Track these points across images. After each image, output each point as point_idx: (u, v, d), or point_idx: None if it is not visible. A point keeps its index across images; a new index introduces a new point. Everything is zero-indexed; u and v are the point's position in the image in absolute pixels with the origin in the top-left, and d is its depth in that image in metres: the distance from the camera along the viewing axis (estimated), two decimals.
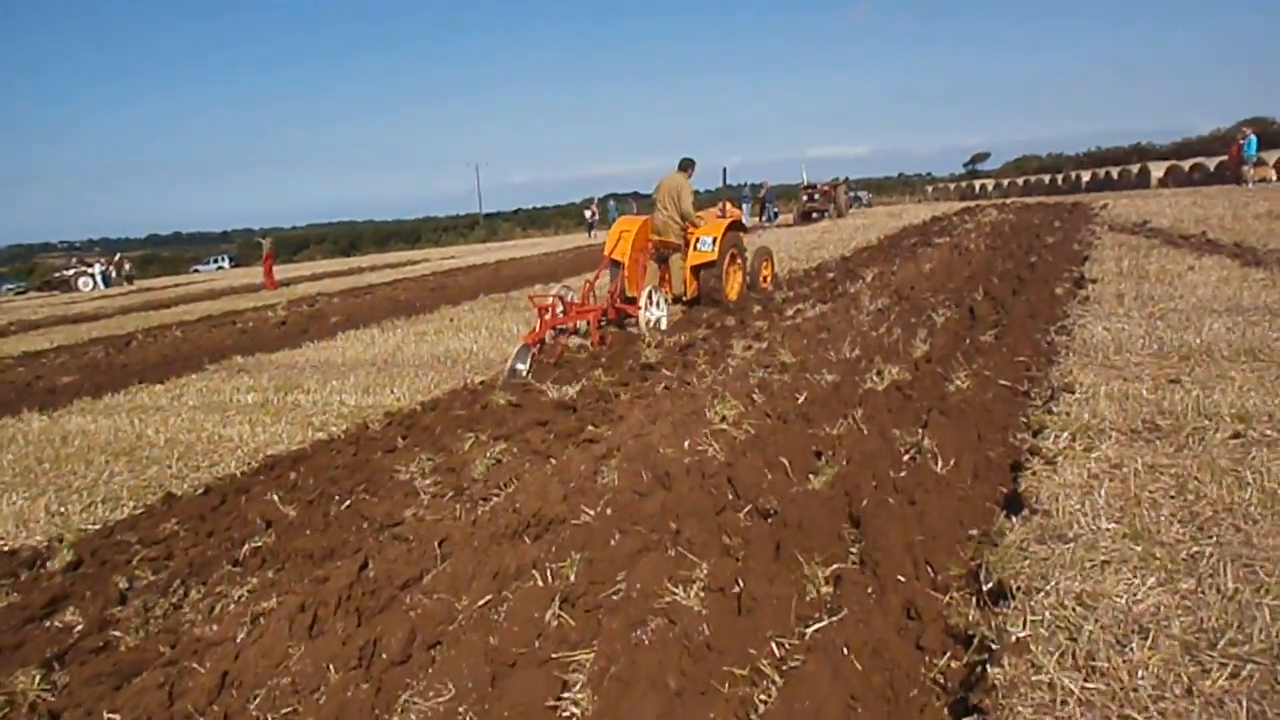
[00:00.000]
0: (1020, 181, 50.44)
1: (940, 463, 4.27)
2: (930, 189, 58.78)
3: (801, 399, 5.73)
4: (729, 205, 12.17)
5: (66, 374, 11.39)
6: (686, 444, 5.01)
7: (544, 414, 6.29)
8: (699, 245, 10.74)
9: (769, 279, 12.56)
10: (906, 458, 4.48)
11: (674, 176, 11.06)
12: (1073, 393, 5.41)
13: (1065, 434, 4.64)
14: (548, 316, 8.96)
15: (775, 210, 37.57)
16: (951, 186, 57.32)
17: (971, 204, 36.98)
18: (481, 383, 7.98)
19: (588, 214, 42.40)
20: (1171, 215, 18.11)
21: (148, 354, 12.71)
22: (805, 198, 34.20)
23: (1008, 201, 34.69)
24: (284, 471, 5.72)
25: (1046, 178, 48.80)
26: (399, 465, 5.51)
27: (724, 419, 5.47)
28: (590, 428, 5.82)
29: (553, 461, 5.19)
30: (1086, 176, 44.66)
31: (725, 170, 13.62)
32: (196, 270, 71.37)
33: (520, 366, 8.06)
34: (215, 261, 76.03)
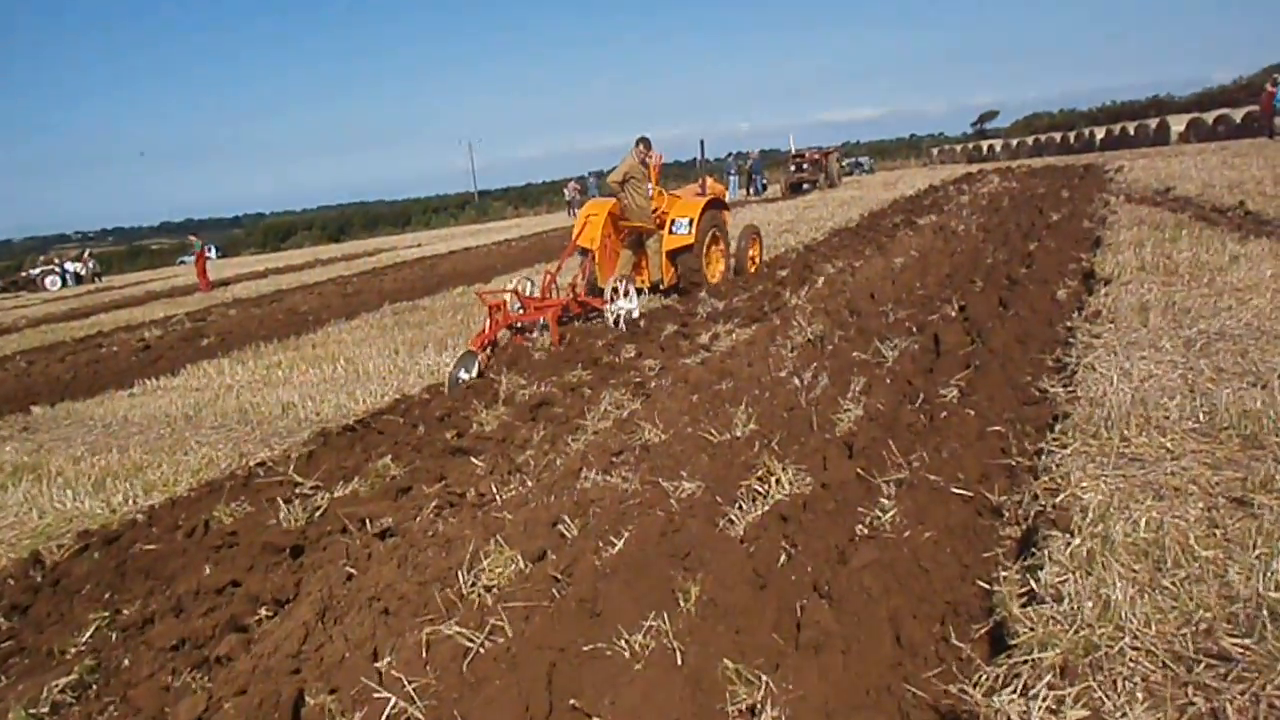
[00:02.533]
0: (1030, 141, 47.56)
1: None
2: (936, 151, 55.88)
3: (614, 551, 3.47)
4: (710, 180, 11.13)
5: None
6: None
7: (252, 562, 4.05)
8: (674, 228, 9.92)
9: (756, 260, 11.54)
10: None
11: (628, 158, 10.09)
12: (1068, 535, 3.15)
13: (1043, 678, 2.38)
14: (499, 315, 8.31)
15: (764, 182, 35.10)
16: (958, 149, 54.40)
17: (975, 169, 34.34)
18: (261, 466, 5.74)
19: (567, 192, 40.03)
20: (1199, 179, 15.61)
21: None
22: (793, 168, 31.71)
23: (1014, 165, 32.00)
24: None
25: (1058, 136, 45.89)
26: None
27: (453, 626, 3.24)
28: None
29: None
30: (1101, 133, 41.76)
31: (702, 143, 11.82)
32: (182, 261, 69.64)
33: (463, 375, 7.22)
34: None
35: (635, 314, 8.95)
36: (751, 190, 34.37)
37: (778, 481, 3.87)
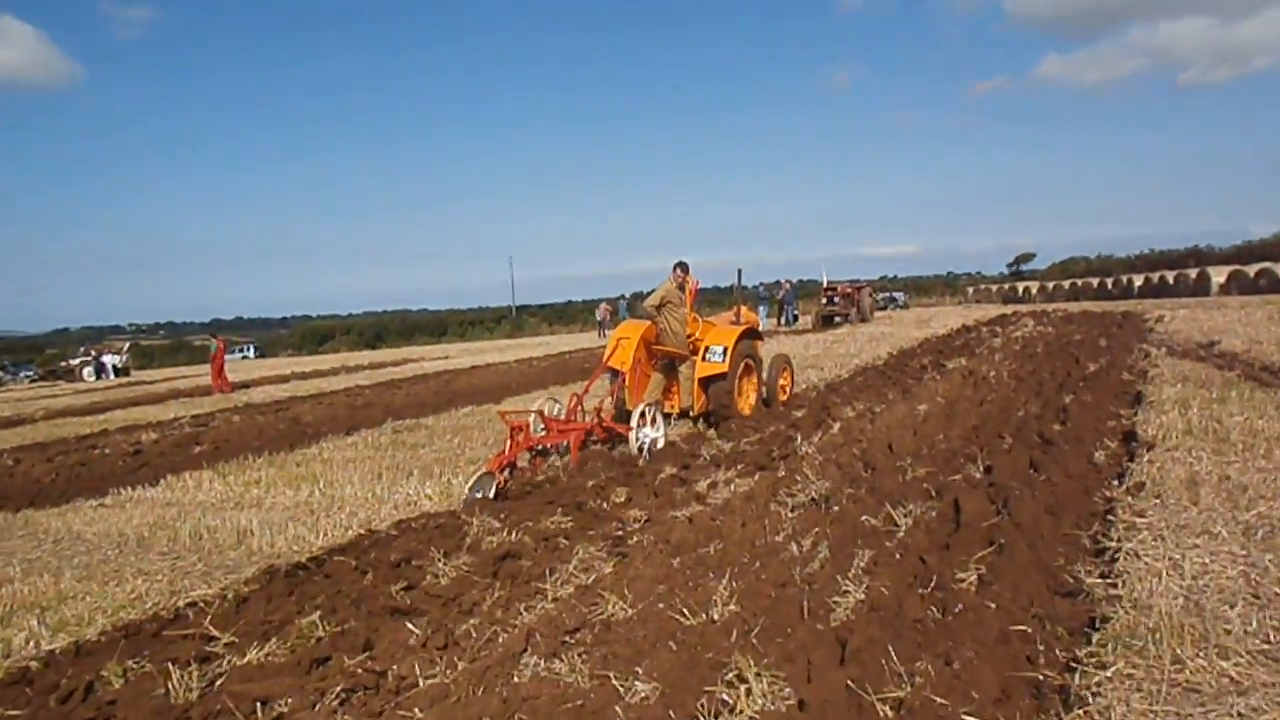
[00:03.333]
0: (1066, 285, 47.27)
1: None
2: (971, 290, 55.74)
3: None
4: (744, 310, 11.16)
5: None
6: None
7: None
8: (708, 355, 9.84)
9: (787, 390, 11.56)
10: None
11: (666, 283, 10.08)
12: None
13: None
14: (520, 436, 8.16)
15: (795, 312, 34.84)
16: (994, 289, 54.22)
17: (1010, 310, 33.88)
18: (190, 607, 5.10)
19: (598, 313, 40.07)
20: (1245, 334, 14.94)
21: None
22: (825, 300, 31.45)
23: (1049, 309, 31.49)
24: None
25: (1095, 281, 45.57)
26: None
27: None
28: None
29: None
30: (1139, 281, 41.39)
31: (740, 271, 11.57)
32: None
33: (479, 495, 7.04)
34: (241, 351, 75.60)
35: (660, 443, 8.79)
36: (783, 320, 34.09)
37: (748, 692, 3.17)
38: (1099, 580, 4.25)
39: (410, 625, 4.19)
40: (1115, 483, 6.05)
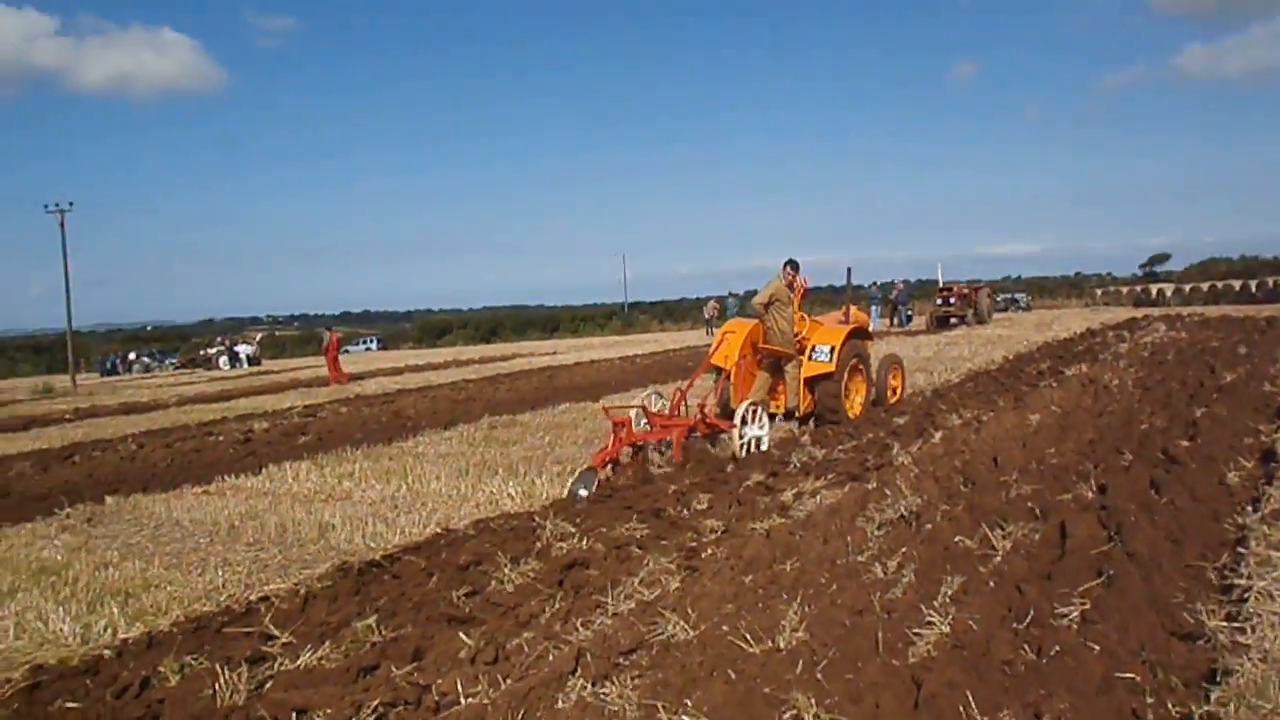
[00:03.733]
0: (1205, 287, 44.26)
1: None
2: (1100, 293, 52.86)
3: None
4: (854, 309, 11.01)
5: None
6: None
7: None
8: (814, 354, 9.72)
9: (898, 391, 11.34)
10: None
11: (774, 281, 9.99)
12: None
13: None
14: (623, 432, 8.13)
15: (909, 313, 33.70)
16: (1124, 290, 51.28)
17: (1141, 313, 31.91)
18: (263, 601, 5.12)
19: (706, 311, 39.73)
20: None
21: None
22: (939, 300, 30.29)
23: (1184, 313, 29.47)
24: None
25: (1237, 284, 42.51)
26: None
27: None
28: None
29: None
30: None
31: (850, 270, 11.43)
32: (347, 351, 73.72)
33: (582, 492, 7.16)
34: (364, 343, 78.52)
35: (765, 443, 8.63)
36: (895, 321, 33.03)
37: None
38: (1223, 624, 3.75)
39: (464, 636, 4.05)
40: (1249, 509, 5.43)
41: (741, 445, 8.35)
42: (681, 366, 19.83)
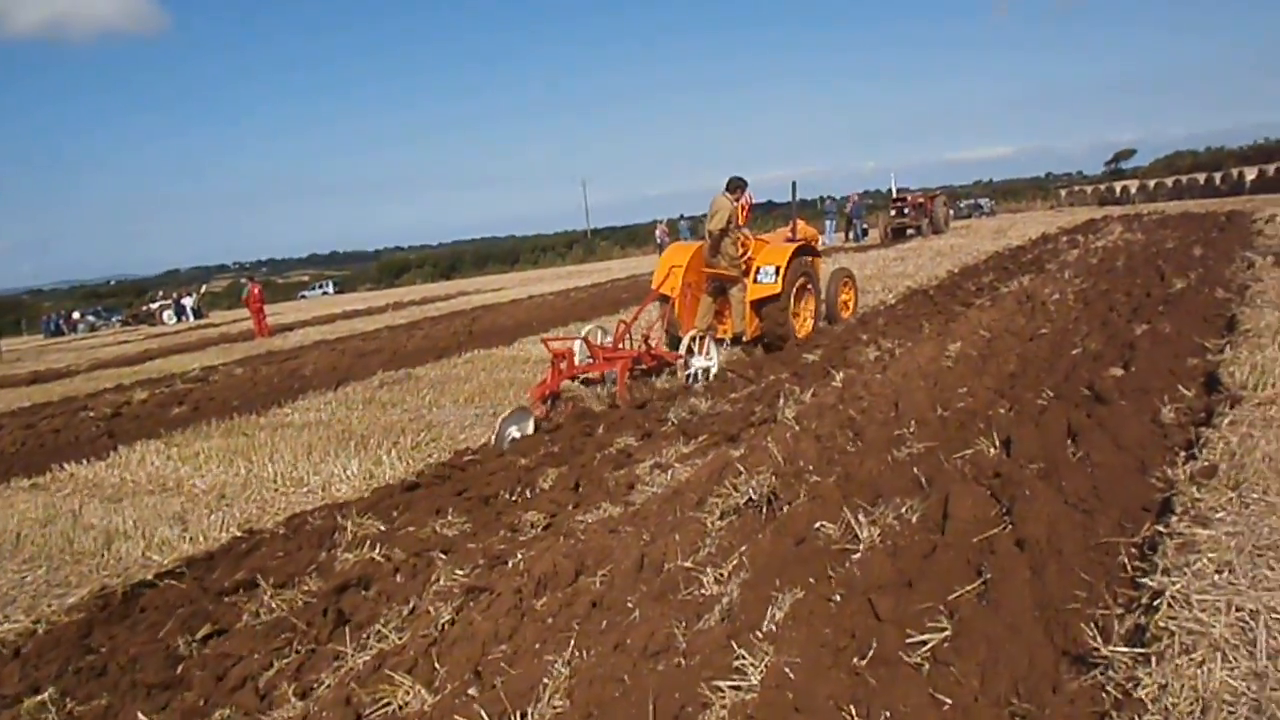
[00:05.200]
0: (1170, 182, 43.30)
1: None
2: (1064, 193, 51.81)
3: None
4: (803, 224, 10.53)
5: None
6: None
7: None
8: (759, 276, 9.23)
9: (850, 306, 11.02)
10: None
11: (717, 198, 9.56)
12: None
13: None
14: (563, 365, 7.75)
15: (864, 227, 32.53)
16: (1089, 190, 50.24)
17: (1102, 214, 30.97)
18: None
19: (657, 234, 38.49)
20: None
21: None
22: (893, 211, 29.11)
23: (1145, 211, 28.48)
24: None
25: (1202, 177, 41.53)
26: None
27: None
28: None
29: None
30: (1252, 174, 37.39)
31: (795, 185, 10.71)
32: (303, 296, 72.14)
33: (513, 432, 6.72)
34: (320, 287, 76.84)
35: (714, 370, 8.34)
36: (851, 236, 31.89)
37: None
38: (1124, 649, 2.82)
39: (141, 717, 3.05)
40: (1180, 457, 4.49)
41: (689, 376, 8.05)
42: (615, 300, 18.75)
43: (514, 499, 5.18)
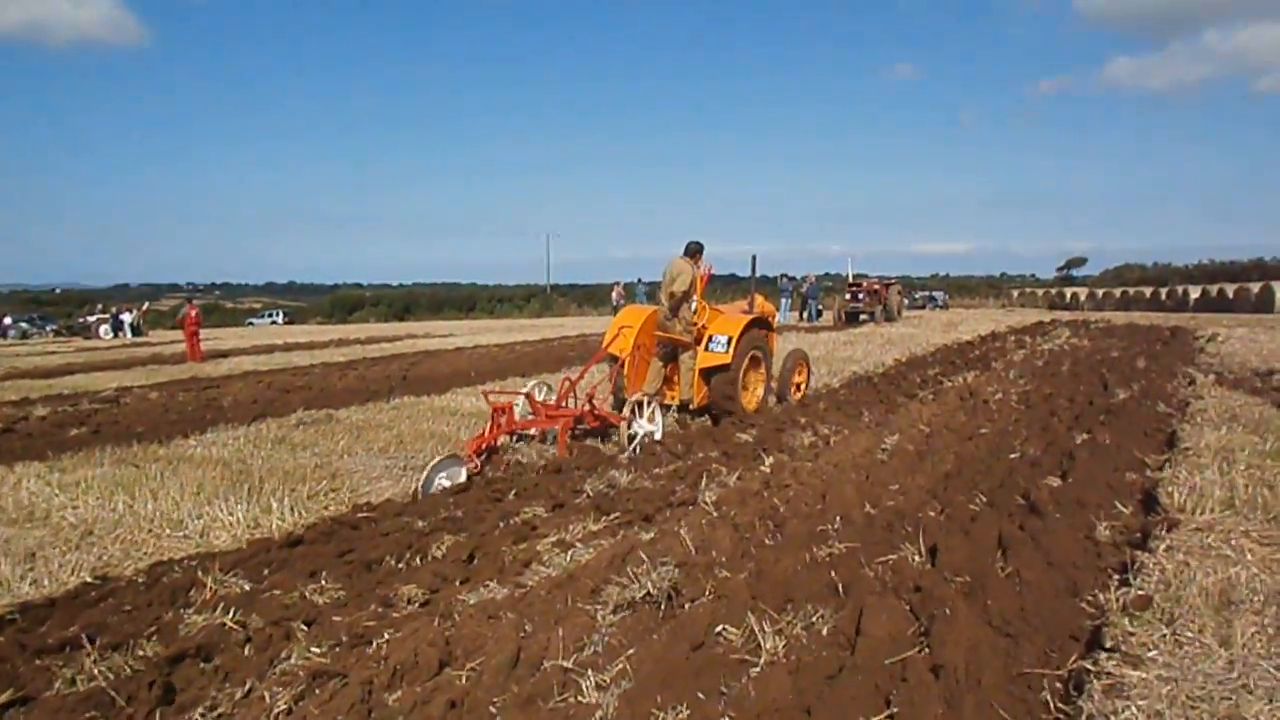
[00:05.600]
0: (1118, 293, 44.47)
1: None
2: (1015, 294, 52.98)
3: None
4: (760, 299, 10.50)
5: None
6: None
7: None
8: (711, 344, 9.10)
9: (803, 387, 10.86)
10: None
11: (676, 261, 9.48)
12: None
13: None
14: (503, 419, 7.57)
15: (819, 307, 32.72)
16: (1040, 293, 51.41)
17: (1051, 317, 31.50)
18: None
19: (614, 296, 38.36)
20: None
21: None
22: (849, 295, 29.31)
23: (1092, 319, 28.98)
24: None
25: (1148, 291, 42.71)
26: None
27: None
28: None
29: None
30: (1196, 293, 38.53)
31: (755, 258, 10.49)
32: (251, 323, 70.81)
33: (442, 480, 6.50)
34: (269, 316, 75.45)
35: (658, 435, 8.17)
36: (805, 315, 32.01)
37: None
38: None
39: None
40: (1114, 585, 4.20)
41: (630, 439, 7.88)
42: (561, 357, 18.36)
43: (400, 565, 4.71)
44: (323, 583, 4.45)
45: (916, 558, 4.42)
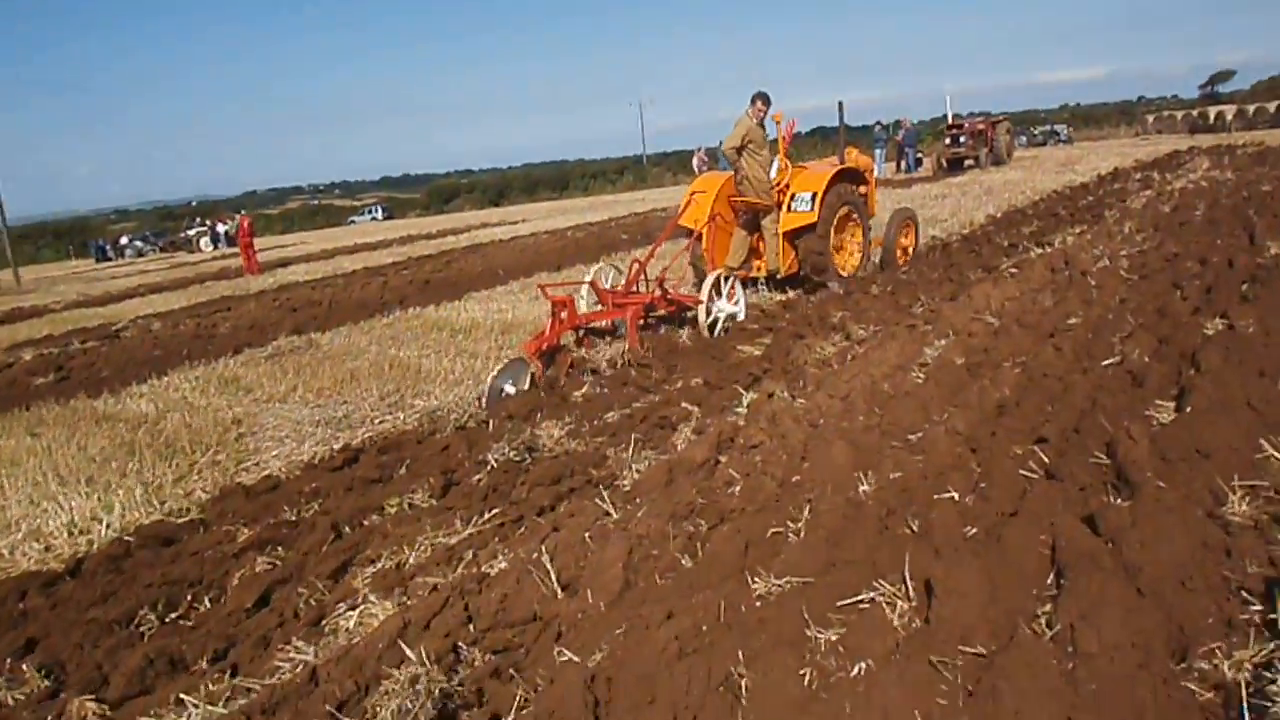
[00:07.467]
0: (1272, 107, 38.84)
1: None
2: (1151, 119, 47.20)
3: None
4: (855, 152, 9.66)
5: None
6: None
7: None
8: (794, 203, 8.28)
9: (909, 252, 9.79)
10: None
11: (743, 119, 8.46)
12: None
13: None
14: (564, 315, 6.71)
15: (918, 156, 29.46)
16: (1179, 115, 45.58)
17: (1188, 144, 27.43)
18: None
19: (695, 162, 35.87)
20: None
21: None
22: (948, 140, 26.09)
23: (1240, 142, 24.91)
24: None
25: None
26: None
27: None
28: None
29: None
30: None
31: (841, 105, 9.46)
32: (352, 221, 71.31)
33: (507, 388, 5.89)
34: (370, 213, 75.69)
35: (740, 316, 7.53)
36: (903, 166, 28.90)
37: None
38: None
39: None
40: (1255, 621, 2.39)
41: (711, 324, 7.13)
42: (616, 241, 16.64)
43: (178, 616, 3.29)
44: (33, 660, 3.06)
45: (901, 605, 2.67)
